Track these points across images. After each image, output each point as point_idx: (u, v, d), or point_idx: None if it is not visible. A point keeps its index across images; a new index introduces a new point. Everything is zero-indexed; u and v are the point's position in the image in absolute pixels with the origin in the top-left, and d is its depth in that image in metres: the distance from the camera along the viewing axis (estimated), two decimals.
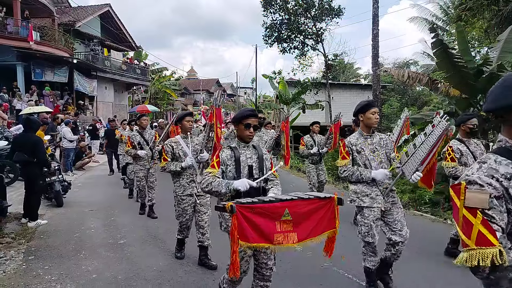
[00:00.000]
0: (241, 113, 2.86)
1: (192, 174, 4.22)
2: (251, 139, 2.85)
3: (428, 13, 18.50)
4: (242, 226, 2.25)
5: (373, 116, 3.41)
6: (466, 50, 7.78)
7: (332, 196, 2.55)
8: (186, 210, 4.23)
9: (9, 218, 6.06)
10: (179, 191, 4.22)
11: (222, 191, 2.59)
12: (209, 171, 2.72)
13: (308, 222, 2.44)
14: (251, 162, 2.83)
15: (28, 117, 6.86)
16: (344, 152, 3.49)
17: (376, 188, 3.42)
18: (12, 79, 16.54)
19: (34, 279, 3.90)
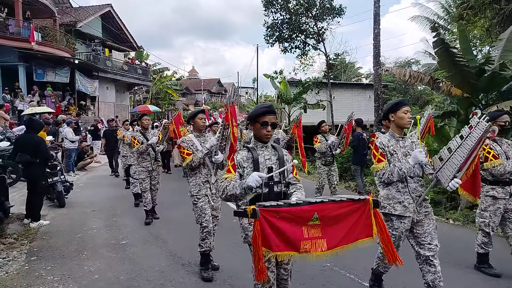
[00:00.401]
0: (256, 110, 2.64)
1: (207, 174, 4.08)
2: (269, 138, 2.63)
3: (430, 12, 18.44)
4: (266, 232, 2.01)
5: (405, 115, 3.11)
6: (468, 49, 7.76)
7: (367, 198, 2.27)
8: (204, 209, 3.98)
9: (12, 218, 6.08)
10: (194, 190, 4.04)
11: (237, 193, 2.39)
12: (225, 176, 2.53)
13: (339, 227, 2.18)
14: (271, 164, 2.61)
15: (31, 118, 6.89)
16: (379, 154, 3.14)
17: (408, 196, 3.10)
18: (14, 79, 16.59)
19: (37, 280, 3.91)
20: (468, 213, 6.73)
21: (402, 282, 3.80)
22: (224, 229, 5.84)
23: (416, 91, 28.54)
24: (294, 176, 2.69)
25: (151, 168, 6.25)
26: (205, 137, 4.19)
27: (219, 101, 53.87)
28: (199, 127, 4.16)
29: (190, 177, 4.10)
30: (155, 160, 6.30)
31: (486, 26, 12.81)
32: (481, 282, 3.96)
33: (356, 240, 2.23)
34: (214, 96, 57.13)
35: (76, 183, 9.34)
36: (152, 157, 6.25)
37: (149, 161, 6.24)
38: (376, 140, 3.22)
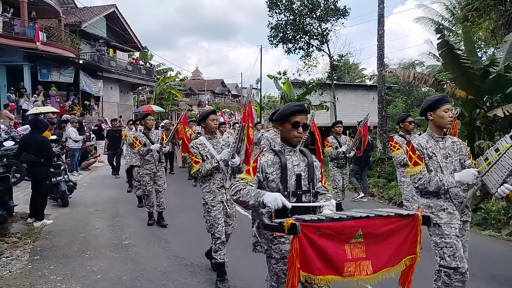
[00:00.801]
0: (288, 108, 2.32)
1: (222, 179, 3.79)
2: (299, 141, 2.33)
3: (434, 14, 18.38)
4: (306, 252, 1.71)
5: (446, 114, 2.80)
6: (473, 51, 7.72)
7: (416, 214, 2.03)
8: (218, 219, 3.72)
9: (15, 218, 6.11)
10: (208, 197, 3.75)
11: (249, 203, 2.11)
12: (242, 177, 2.28)
13: (384, 247, 1.93)
14: (299, 171, 2.32)
15: (36, 118, 6.92)
16: (415, 157, 2.83)
17: (450, 202, 2.83)
18: (19, 79, 16.68)
19: (40, 279, 3.93)
20: (472, 216, 6.68)
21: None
22: None
23: (420, 92, 28.33)
24: (323, 185, 2.43)
25: (155, 169, 5.99)
26: (217, 139, 3.91)
27: (222, 102, 53.97)
28: (211, 129, 3.84)
29: (203, 183, 3.80)
30: (159, 161, 6.06)
31: (491, 28, 12.75)
32: None
33: (401, 260, 1.99)
34: (217, 96, 57.23)
35: (79, 182, 9.38)
36: (156, 158, 6.00)
37: (153, 163, 5.98)
38: (413, 141, 2.95)
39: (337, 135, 6.73)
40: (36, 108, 12.41)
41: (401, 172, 5.11)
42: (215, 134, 3.91)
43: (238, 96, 60.27)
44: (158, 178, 6.02)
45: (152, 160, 5.97)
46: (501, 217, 6.18)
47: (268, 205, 2.03)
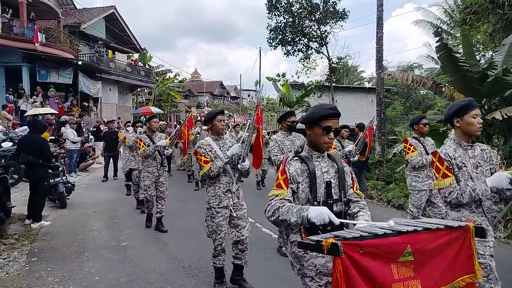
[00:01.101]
0: (319, 111, 2.09)
1: (228, 183, 3.62)
2: (329, 147, 2.13)
3: (433, 17, 18.44)
4: (349, 274, 1.53)
5: (474, 120, 2.55)
6: (471, 54, 7.73)
7: (467, 225, 1.81)
8: (221, 226, 3.61)
9: (13, 219, 6.09)
10: (214, 202, 3.60)
11: (291, 221, 1.87)
12: (276, 193, 2.02)
13: (435, 263, 1.71)
14: (329, 178, 2.13)
15: (35, 119, 6.93)
16: (444, 168, 2.57)
17: (484, 217, 2.60)
18: (18, 80, 16.65)
19: (37, 281, 3.91)
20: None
21: None
22: None
23: (418, 95, 28.45)
24: (355, 191, 2.20)
25: (157, 173, 5.77)
26: (224, 140, 3.74)
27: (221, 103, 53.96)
28: (218, 130, 3.67)
29: (209, 187, 3.67)
30: (161, 165, 5.84)
31: (489, 31, 12.79)
32: None
33: (456, 279, 1.76)
34: (216, 98, 57.24)
35: (77, 184, 9.35)
36: (158, 161, 5.79)
37: (155, 166, 5.77)
38: (440, 150, 2.67)
39: (341, 139, 6.69)
40: (35, 109, 12.40)
41: (412, 177, 4.92)
42: (222, 135, 3.74)
43: (237, 98, 60.32)
44: (160, 184, 5.81)
45: (155, 163, 5.76)
46: (500, 220, 6.17)
47: (313, 221, 1.80)
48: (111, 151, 10.69)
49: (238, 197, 3.72)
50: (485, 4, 10.72)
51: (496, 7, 10.59)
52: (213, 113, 3.70)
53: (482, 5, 10.78)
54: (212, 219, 3.62)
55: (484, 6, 10.74)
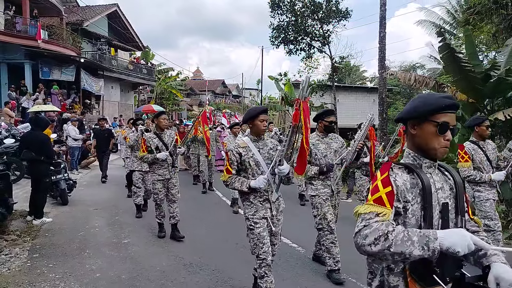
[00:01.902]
0: (432, 101, 1.50)
1: (266, 191, 3.16)
2: (445, 153, 1.52)
3: (436, 17, 18.40)
4: None
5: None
6: (474, 54, 7.72)
7: None
8: (262, 237, 3.09)
9: (15, 215, 6.11)
10: (249, 212, 3.17)
11: (413, 253, 1.30)
12: (375, 210, 1.41)
13: None
14: (444, 198, 1.54)
15: (36, 116, 6.93)
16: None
17: None
18: (20, 77, 16.69)
19: (38, 277, 3.93)
20: None
21: None
22: (224, 229, 5.84)
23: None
24: (470, 217, 1.64)
25: (168, 176, 5.29)
26: (264, 141, 3.26)
27: (223, 102, 53.98)
28: (259, 131, 3.21)
29: (242, 194, 3.24)
30: (172, 166, 5.35)
31: (492, 32, 12.74)
32: None
33: None
34: (218, 97, 57.26)
35: (79, 181, 9.38)
36: (169, 162, 5.30)
37: (166, 168, 5.27)
38: None
39: None
40: (38, 106, 12.43)
41: (473, 187, 4.26)
42: (262, 136, 3.27)
43: (239, 97, 60.30)
44: (171, 185, 5.31)
45: (165, 165, 5.27)
46: (501, 221, 6.17)
47: (458, 250, 1.28)
48: (102, 150, 10.24)
49: (277, 210, 3.25)
50: (489, 5, 10.69)
51: (499, 7, 10.55)
52: (254, 112, 3.21)
53: (486, 6, 10.75)
54: (251, 231, 3.16)
55: (487, 6, 10.71)
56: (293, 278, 4.01)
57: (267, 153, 3.20)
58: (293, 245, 5.13)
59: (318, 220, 3.98)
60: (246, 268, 4.17)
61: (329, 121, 4.07)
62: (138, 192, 6.66)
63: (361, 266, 3.76)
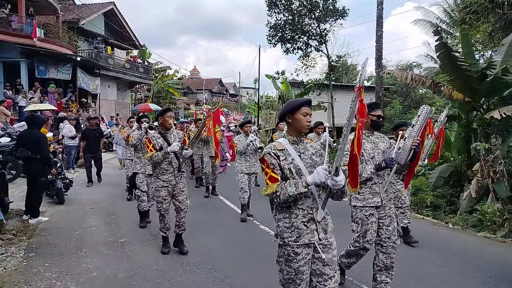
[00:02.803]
0: None
1: (312, 208, 2.40)
2: None
3: (432, 16, 18.45)
4: None
5: None
6: (470, 53, 7.75)
7: None
8: (302, 273, 2.40)
9: (11, 214, 6.08)
10: (289, 237, 2.40)
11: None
12: None
13: None
14: None
15: (32, 114, 6.90)
16: None
17: None
18: (16, 76, 16.59)
19: (35, 276, 3.91)
20: (468, 217, 6.73)
21: None
22: (222, 228, 5.84)
23: (417, 94, 28.52)
24: None
25: (174, 181, 4.58)
26: (304, 144, 2.54)
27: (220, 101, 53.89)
28: (301, 128, 2.49)
29: (279, 212, 2.46)
30: (179, 170, 4.64)
31: (488, 31, 12.81)
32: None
33: None
34: (215, 95, 57.17)
35: (75, 180, 9.34)
36: (175, 167, 4.61)
37: (172, 173, 4.57)
38: None
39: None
40: (35, 105, 12.38)
41: None
42: (301, 136, 2.56)
43: (236, 96, 60.27)
44: (178, 191, 4.63)
45: (171, 169, 4.57)
46: (497, 219, 6.22)
47: None
48: (92, 151, 9.37)
49: (325, 231, 2.46)
50: (485, 4, 10.75)
51: (495, 6, 10.61)
52: (296, 103, 2.52)
53: (482, 5, 10.81)
54: (288, 262, 2.43)
55: (483, 5, 10.77)
56: None
57: (309, 159, 2.49)
58: None
59: (356, 237, 3.40)
60: (243, 267, 4.18)
61: (376, 115, 3.43)
62: (142, 197, 5.99)
63: (360, 265, 3.78)
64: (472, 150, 8.21)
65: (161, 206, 4.58)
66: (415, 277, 4.07)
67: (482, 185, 7.14)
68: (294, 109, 2.49)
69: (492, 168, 7.05)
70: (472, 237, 5.88)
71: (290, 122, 2.54)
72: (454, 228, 6.42)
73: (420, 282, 3.97)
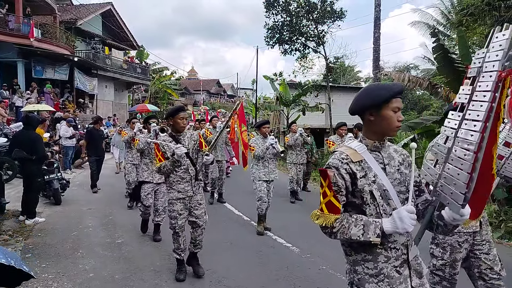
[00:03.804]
0: None
1: (405, 244, 1.68)
2: None
3: (430, 18, 18.55)
4: None
5: None
6: (467, 55, 7.79)
7: None
8: None
9: (7, 215, 6.06)
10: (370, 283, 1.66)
11: None
12: None
13: None
14: None
15: (27, 114, 6.87)
16: None
17: None
18: (13, 76, 16.55)
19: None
20: None
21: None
22: (219, 229, 5.83)
23: (414, 96, 28.64)
24: None
25: (191, 192, 3.84)
26: (387, 148, 1.77)
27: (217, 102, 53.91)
28: (390, 130, 1.71)
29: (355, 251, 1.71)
30: (196, 179, 3.90)
31: (485, 33, 12.85)
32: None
33: None
34: (213, 96, 57.19)
35: (72, 181, 9.31)
36: (192, 175, 3.85)
37: (188, 182, 3.82)
38: None
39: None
40: (32, 106, 12.36)
41: None
42: (384, 139, 1.75)
43: (234, 97, 60.26)
44: (195, 204, 3.90)
45: (187, 177, 3.82)
46: (493, 220, 6.24)
47: None
48: (97, 154, 8.75)
49: (419, 273, 1.72)
50: (482, 6, 10.80)
51: (492, 9, 10.67)
52: (387, 94, 1.67)
53: (479, 7, 10.86)
54: None
55: (480, 8, 10.82)
56: (287, 277, 4.02)
57: (397, 172, 1.73)
58: (287, 244, 5.13)
59: (439, 265, 2.68)
60: (240, 268, 4.18)
61: None
62: (145, 211, 5.37)
63: None
64: None
65: (175, 222, 3.82)
66: None
67: None
68: (384, 101, 1.67)
69: None
70: None
71: (372, 121, 1.73)
72: None
73: None
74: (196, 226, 3.94)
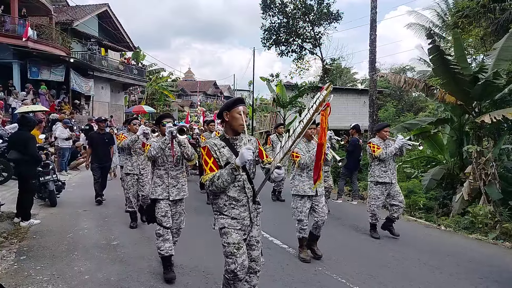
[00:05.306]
0: None
1: None
2: None
3: (425, 20, 18.62)
4: None
5: None
6: (462, 57, 7.83)
7: None
8: None
9: (2, 217, 6.01)
10: None
11: None
12: None
13: None
14: None
15: (23, 115, 6.82)
16: None
17: None
18: (8, 77, 16.46)
19: (26, 279, 3.87)
20: (460, 219, 6.78)
21: None
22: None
23: (410, 97, 28.75)
24: None
25: (248, 221, 2.83)
26: None
27: (214, 103, 53.86)
28: None
29: None
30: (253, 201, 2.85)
31: (480, 35, 12.94)
32: None
33: None
34: (209, 98, 57.14)
35: (68, 182, 9.27)
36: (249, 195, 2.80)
37: (245, 205, 2.79)
38: None
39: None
40: (27, 107, 12.28)
41: None
42: None
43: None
44: (253, 242, 2.91)
45: (244, 199, 2.79)
46: (488, 221, 6.27)
47: None
48: (101, 161, 7.51)
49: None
50: (477, 8, 10.88)
51: (487, 11, 10.75)
52: None
53: (474, 9, 10.94)
54: None
55: (476, 10, 10.90)
56: (283, 278, 4.01)
57: None
58: (283, 245, 5.13)
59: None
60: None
61: None
62: (165, 235, 3.93)
63: (351, 266, 3.80)
64: (464, 152, 8.29)
65: (233, 261, 2.71)
66: (406, 279, 4.08)
67: (474, 187, 7.21)
68: None
69: (484, 170, 7.11)
70: (464, 239, 5.92)
71: None
72: (446, 230, 6.46)
73: (411, 283, 3.98)
74: (251, 272, 2.88)
